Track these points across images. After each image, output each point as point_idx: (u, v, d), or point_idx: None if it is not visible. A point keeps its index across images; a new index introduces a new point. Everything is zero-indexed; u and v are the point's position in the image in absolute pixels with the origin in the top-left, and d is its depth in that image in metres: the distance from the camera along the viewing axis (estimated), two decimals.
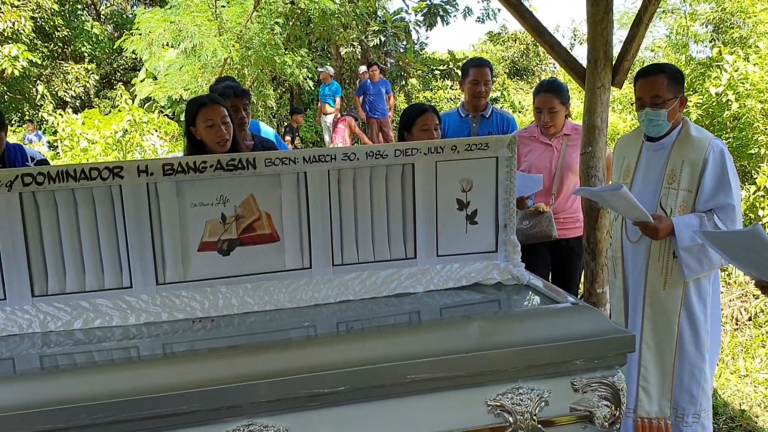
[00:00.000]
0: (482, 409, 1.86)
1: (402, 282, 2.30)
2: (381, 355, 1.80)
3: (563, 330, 1.91)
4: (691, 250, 2.88)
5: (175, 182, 2.10)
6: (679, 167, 2.94)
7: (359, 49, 17.32)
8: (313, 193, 2.20)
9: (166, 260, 2.15)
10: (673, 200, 2.94)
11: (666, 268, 2.98)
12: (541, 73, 19.39)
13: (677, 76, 2.99)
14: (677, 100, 2.95)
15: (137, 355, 1.97)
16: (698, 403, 3.05)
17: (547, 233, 3.79)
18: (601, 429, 1.93)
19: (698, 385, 3.04)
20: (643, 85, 3.00)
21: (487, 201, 2.39)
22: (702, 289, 3.00)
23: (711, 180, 2.89)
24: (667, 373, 3.04)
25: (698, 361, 3.02)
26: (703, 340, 3.02)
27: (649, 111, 2.95)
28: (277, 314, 2.13)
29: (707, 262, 2.92)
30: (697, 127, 3.06)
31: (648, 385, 3.06)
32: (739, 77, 7.21)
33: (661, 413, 3.06)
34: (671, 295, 2.99)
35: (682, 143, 2.98)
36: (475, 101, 4.08)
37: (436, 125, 3.30)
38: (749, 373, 4.35)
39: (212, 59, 10.77)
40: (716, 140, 2.97)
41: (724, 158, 2.90)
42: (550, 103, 3.80)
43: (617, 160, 3.27)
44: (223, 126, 3.01)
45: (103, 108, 15.22)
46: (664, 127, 2.98)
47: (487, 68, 4.11)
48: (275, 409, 1.74)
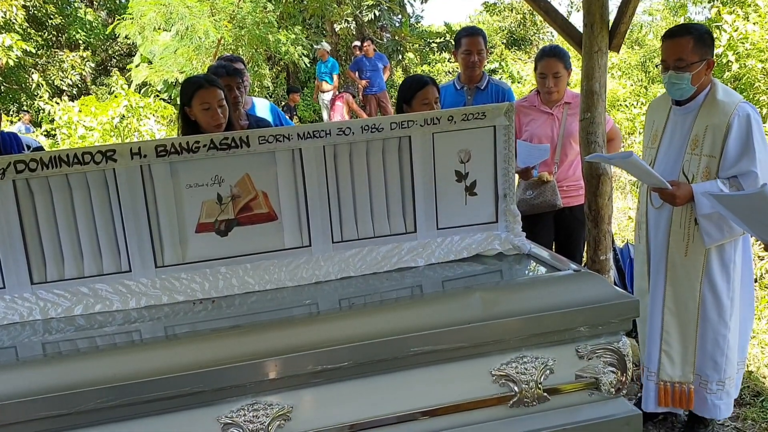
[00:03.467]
0: (487, 380, 1.86)
1: (403, 256, 2.29)
2: (384, 330, 1.79)
3: (566, 297, 1.90)
4: (711, 217, 2.81)
5: (169, 164, 2.08)
6: (703, 132, 2.86)
7: (354, 24, 17.17)
8: (309, 170, 2.17)
9: (164, 243, 2.13)
10: (696, 166, 2.87)
11: (688, 235, 2.93)
12: (539, 42, 19.21)
13: (705, 38, 2.87)
14: (703, 64, 2.85)
15: (139, 339, 1.96)
16: (722, 370, 3.01)
17: (551, 203, 3.77)
18: (607, 395, 1.93)
19: (722, 353, 3.00)
20: (668, 47, 2.90)
21: (485, 171, 2.36)
22: (725, 256, 2.94)
23: (735, 145, 2.80)
24: (690, 339, 3.01)
25: (721, 329, 2.98)
26: (726, 308, 2.97)
27: (672, 74, 2.86)
28: (278, 293, 2.12)
29: (728, 230, 2.85)
30: (726, 90, 2.94)
31: (670, 349, 3.04)
32: (739, 37, 7.13)
33: (684, 378, 3.04)
34: (693, 261, 2.95)
35: (707, 107, 2.88)
36: (469, 71, 4.03)
37: (437, 98, 3.26)
38: (756, 335, 4.34)
39: (206, 41, 10.68)
40: (744, 104, 2.86)
41: (750, 123, 2.80)
42: (555, 68, 3.75)
43: (648, 124, 3.20)
44: (219, 109, 2.97)
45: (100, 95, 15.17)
46: (687, 91, 2.90)
47: (479, 37, 4.04)
48: (279, 387, 1.74)
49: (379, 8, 17.50)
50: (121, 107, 9.53)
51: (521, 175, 3.68)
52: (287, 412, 1.73)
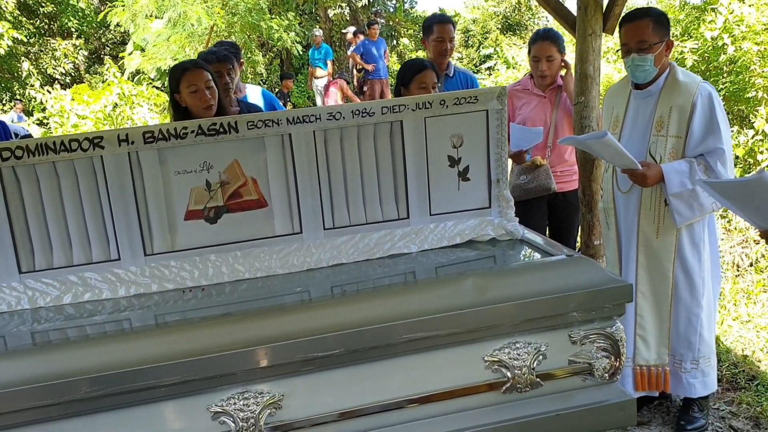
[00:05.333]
0: (480, 366, 1.84)
1: (395, 243, 2.27)
2: (376, 316, 1.77)
3: (559, 282, 1.88)
4: (681, 195, 2.85)
5: (157, 150, 2.05)
6: (668, 113, 2.90)
7: (348, 10, 17.07)
8: (300, 156, 2.15)
9: (153, 230, 2.11)
10: (663, 147, 2.91)
11: (658, 216, 2.96)
12: (534, 27, 19.11)
13: (662, 20, 2.92)
14: (663, 44, 2.90)
15: (129, 327, 1.94)
16: (696, 349, 3.04)
17: (545, 186, 3.75)
18: (601, 380, 1.92)
19: (695, 332, 3.03)
20: (629, 31, 2.94)
21: (478, 156, 2.34)
22: (695, 235, 2.98)
23: (700, 124, 2.85)
24: (665, 321, 3.04)
25: (694, 308, 3.01)
26: (698, 287, 3.00)
27: (635, 57, 2.90)
28: (268, 281, 2.10)
29: (698, 207, 2.89)
30: (685, 72, 3.00)
31: (645, 333, 3.06)
32: (735, 20, 7.07)
33: (660, 360, 3.06)
34: (664, 242, 2.97)
35: (669, 89, 2.93)
36: (439, 59, 3.98)
37: (434, 83, 3.23)
38: (751, 319, 4.34)
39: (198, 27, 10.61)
40: (704, 83, 2.92)
41: (713, 101, 2.86)
42: (548, 51, 3.73)
43: (606, 111, 3.22)
44: (207, 90, 2.94)
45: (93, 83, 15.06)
46: (651, 73, 2.93)
47: (450, 24, 4.00)
48: (270, 375, 1.73)
49: None
50: (114, 95, 9.48)
51: (514, 158, 3.66)
52: (278, 400, 1.71)
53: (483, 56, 17.30)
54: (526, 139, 3.59)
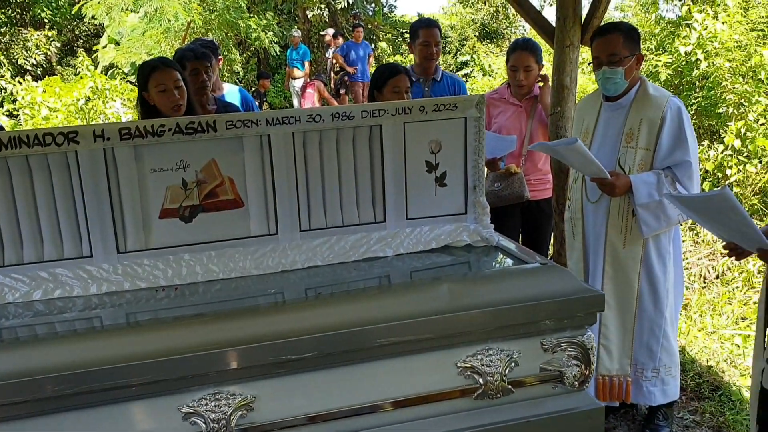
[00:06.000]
0: (452, 371, 1.85)
1: (371, 246, 2.27)
2: (350, 320, 1.77)
3: (532, 290, 1.90)
4: (648, 206, 2.90)
5: (133, 147, 2.02)
6: (637, 126, 2.95)
7: (327, 12, 17.05)
8: (278, 157, 2.14)
9: (127, 228, 2.08)
10: (632, 159, 2.96)
11: (625, 226, 3.01)
12: (511, 36, 19.25)
13: (632, 34, 2.98)
14: (633, 58, 2.95)
15: (100, 325, 1.92)
16: (657, 358, 3.09)
17: (519, 194, 3.79)
18: (570, 388, 1.94)
19: (657, 342, 3.08)
20: (600, 44, 2.99)
21: (456, 162, 2.35)
22: (661, 246, 3.03)
23: (668, 138, 2.91)
24: (628, 332, 3.08)
25: (658, 318, 3.06)
26: (662, 298, 3.05)
27: (606, 70, 2.96)
28: (242, 281, 2.08)
29: (665, 219, 2.95)
30: (655, 86, 3.06)
31: (609, 343, 3.10)
32: (708, 36, 7.21)
33: (622, 371, 3.10)
34: (631, 253, 3.02)
35: (640, 102, 2.98)
36: (426, 63, 4.01)
37: (408, 88, 3.25)
38: (716, 330, 4.42)
39: (175, 23, 10.51)
40: (673, 98, 2.98)
41: (681, 116, 2.92)
42: (526, 61, 3.77)
43: (577, 122, 3.27)
44: (176, 90, 2.92)
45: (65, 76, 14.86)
46: (621, 86, 2.98)
47: (436, 29, 4.04)
48: (242, 377, 1.71)
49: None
50: (87, 89, 9.35)
51: (488, 166, 3.69)
52: (250, 402, 1.70)
53: (460, 63, 17.39)
54: (500, 147, 3.62)
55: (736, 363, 3.98)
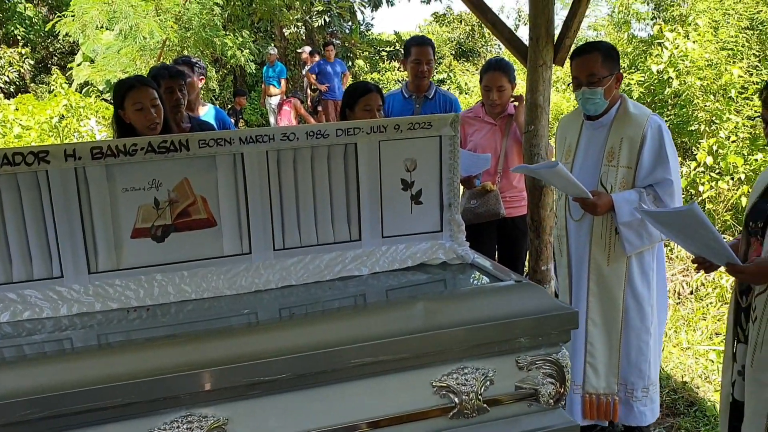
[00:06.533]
0: (428, 391, 1.84)
1: (347, 265, 2.26)
2: (324, 340, 1.76)
3: (507, 308, 1.90)
4: (631, 225, 2.92)
5: (105, 166, 2.00)
6: (618, 144, 2.97)
7: (303, 29, 17.11)
8: (251, 175, 2.12)
9: (98, 248, 2.05)
10: (613, 177, 2.97)
11: (609, 244, 3.02)
12: (487, 54, 19.46)
13: (611, 54, 3.00)
14: (613, 77, 2.97)
15: (70, 347, 1.88)
16: (646, 377, 3.10)
17: (494, 211, 3.81)
18: (546, 406, 1.93)
19: (646, 360, 3.08)
20: (578, 65, 3.01)
21: (431, 180, 2.36)
22: (645, 264, 3.05)
23: (649, 156, 2.93)
24: (614, 349, 3.08)
25: (644, 335, 3.07)
26: (648, 315, 3.07)
27: (585, 90, 2.97)
28: (215, 302, 2.05)
29: (647, 237, 2.97)
30: (635, 104, 3.09)
31: (595, 361, 3.10)
32: (680, 54, 7.35)
33: (609, 389, 3.11)
34: (615, 270, 3.03)
35: (620, 121, 3.00)
36: (417, 81, 4.05)
37: (379, 106, 3.26)
38: (691, 346, 4.46)
39: (150, 41, 10.46)
40: (654, 116, 3.00)
41: (662, 134, 2.94)
42: (499, 81, 3.81)
43: (559, 141, 3.29)
44: (153, 109, 2.90)
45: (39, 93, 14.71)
46: (601, 105, 3.00)
47: (428, 47, 4.08)
48: (215, 398, 1.69)
49: (329, 14, 17.49)
50: (61, 107, 9.26)
51: (464, 183, 3.71)
52: (222, 424, 1.68)
53: (437, 81, 17.51)
54: (475, 165, 3.64)
55: (711, 378, 4.01)
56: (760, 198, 2.47)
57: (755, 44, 8.09)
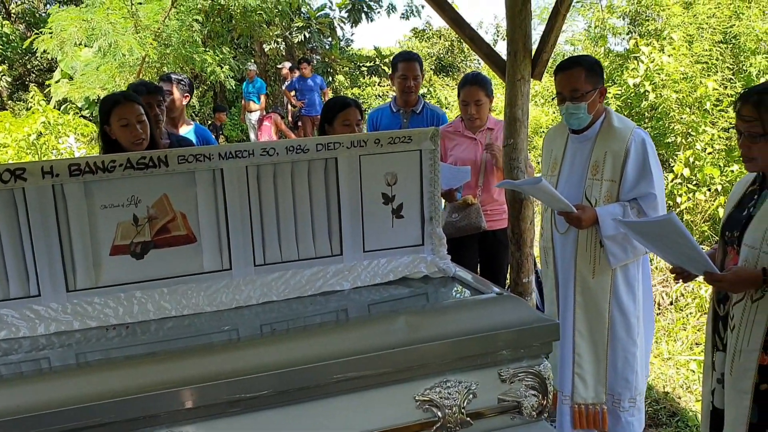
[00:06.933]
0: (411, 405, 1.84)
1: (328, 280, 2.25)
2: (305, 356, 1.75)
3: (489, 321, 1.90)
4: (615, 238, 2.94)
5: (83, 183, 1.98)
6: (603, 158, 2.99)
7: (283, 45, 17.15)
8: (231, 191, 2.11)
9: (76, 266, 2.03)
10: (598, 191, 2.99)
11: (594, 257, 3.03)
12: (466, 69, 19.59)
13: (595, 68, 3.03)
14: (596, 92, 2.99)
15: (48, 367, 1.85)
16: (633, 387, 3.11)
17: (476, 225, 3.82)
18: (529, 419, 1.93)
19: (633, 371, 3.10)
20: (562, 80, 3.03)
21: (412, 194, 2.36)
22: (630, 276, 3.06)
23: (633, 170, 2.95)
24: (601, 360, 3.09)
25: (630, 347, 3.08)
26: (634, 326, 3.08)
27: (569, 105, 2.99)
28: (196, 318, 2.04)
29: (632, 250, 2.98)
30: (620, 117, 3.11)
31: (583, 371, 3.11)
32: (655, 68, 7.45)
33: (597, 399, 3.11)
34: (600, 283, 3.04)
35: (604, 134, 3.02)
36: (405, 96, 4.08)
37: (359, 121, 3.27)
38: (672, 356, 4.49)
39: (129, 58, 10.42)
40: (638, 130, 3.02)
41: (646, 147, 2.96)
42: (476, 96, 3.83)
43: (545, 154, 3.31)
44: (139, 125, 2.89)
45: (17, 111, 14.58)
46: (585, 120, 3.02)
47: (416, 63, 4.11)
48: (196, 416, 1.67)
49: (309, 30, 17.55)
50: (39, 124, 9.18)
51: (445, 197, 3.72)
52: None
53: None
54: (456, 178, 3.66)
55: (692, 388, 4.04)
56: (736, 208, 2.50)
57: (729, 57, 8.23)
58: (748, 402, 2.34)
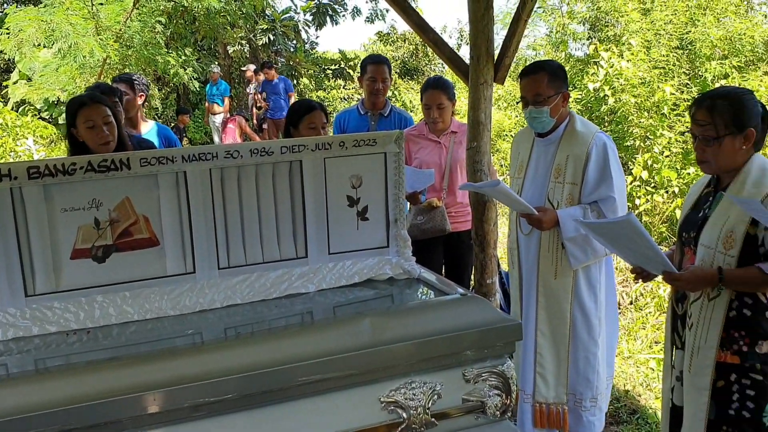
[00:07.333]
0: (376, 407, 1.84)
1: (293, 282, 2.25)
2: (270, 359, 1.74)
3: (453, 321, 1.92)
4: (576, 240, 2.99)
5: (43, 186, 1.95)
6: (565, 161, 3.04)
7: (248, 47, 17.04)
8: (194, 194, 2.10)
9: (36, 270, 1.99)
10: (560, 193, 3.04)
11: (556, 258, 3.08)
12: (431, 73, 19.70)
13: (558, 73, 3.07)
14: (559, 97, 3.04)
15: (5, 373, 1.81)
16: (594, 387, 3.16)
17: (441, 227, 3.85)
18: (493, 418, 1.95)
19: (594, 371, 3.15)
20: (525, 84, 3.08)
21: (377, 197, 2.37)
22: (592, 277, 3.11)
23: (593, 173, 3.00)
24: (563, 360, 3.14)
25: (591, 347, 3.13)
26: (595, 327, 3.13)
27: (532, 109, 3.04)
28: (159, 323, 2.02)
29: (592, 252, 3.04)
30: (584, 121, 3.16)
31: (544, 371, 3.15)
32: (615, 73, 7.58)
33: (558, 399, 3.16)
34: (562, 283, 3.09)
35: (567, 138, 3.07)
36: (373, 98, 4.10)
37: (324, 124, 3.27)
38: (632, 355, 4.57)
39: (90, 59, 10.24)
40: (600, 134, 3.07)
41: (607, 151, 3.01)
42: (439, 99, 3.87)
43: (513, 156, 3.35)
44: (105, 126, 2.86)
45: None
46: (548, 124, 3.07)
47: (384, 65, 4.13)
48: (159, 421, 1.65)
49: (274, 32, 17.47)
50: None
51: (410, 199, 3.75)
52: None
53: None
54: (420, 180, 3.69)
55: (652, 386, 4.12)
56: (692, 210, 2.57)
57: (685, 63, 8.42)
58: (707, 398, 2.40)
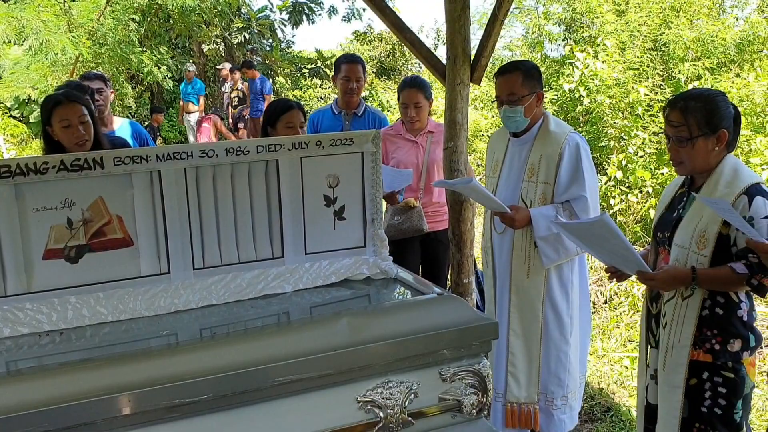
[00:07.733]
0: (353, 407, 1.84)
1: (269, 282, 2.24)
2: (246, 360, 1.73)
3: (429, 321, 1.92)
4: (548, 239, 3.01)
5: (14, 185, 1.91)
6: (538, 161, 3.06)
7: (223, 46, 16.93)
8: (169, 193, 2.08)
9: (7, 271, 1.96)
10: (533, 192, 3.06)
11: (528, 257, 3.10)
12: (408, 72, 19.72)
13: (532, 73, 3.09)
14: (533, 96, 3.06)
15: None
16: (565, 386, 3.18)
17: (418, 227, 3.86)
18: (469, 417, 1.96)
19: (565, 370, 3.17)
20: (500, 84, 3.10)
21: (354, 196, 2.37)
22: (564, 276, 3.14)
23: (566, 173, 3.03)
24: (534, 360, 3.16)
25: (563, 346, 3.16)
26: (567, 326, 3.16)
27: (506, 108, 3.06)
28: (133, 323, 1.99)
29: (563, 251, 3.06)
30: (557, 121, 3.19)
31: (516, 370, 3.17)
32: (590, 74, 7.65)
33: (529, 399, 3.18)
34: (534, 282, 3.11)
35: (541, 138, 3.10)
36: (347, 98, 4.09)
37: (302, 123, 3.26)
38: (606, 353, 4.62)
39: (62, 57, 10.10)
40: (573, 134, 3.10)
41: (579, 152, 3.04)
42: (416, 98, 3.87)
43: (489, 156, 3.37)
44: (81, 126, 2.83)
45: None
46: (522, 123, 3.09)
47: (358, 65, 4.12)
48: (134, 423, 1.63)
49: (249, 31, 17.37)
50: None
51: (387, 199, 3.75)
52: None
53: None
54: (397, 180, 3.69)
55: (626, 384, 4.16)
56: (666, 210, 2.60)
57: (659, 64, 8.52)
58: (680, 397, 2.43)
